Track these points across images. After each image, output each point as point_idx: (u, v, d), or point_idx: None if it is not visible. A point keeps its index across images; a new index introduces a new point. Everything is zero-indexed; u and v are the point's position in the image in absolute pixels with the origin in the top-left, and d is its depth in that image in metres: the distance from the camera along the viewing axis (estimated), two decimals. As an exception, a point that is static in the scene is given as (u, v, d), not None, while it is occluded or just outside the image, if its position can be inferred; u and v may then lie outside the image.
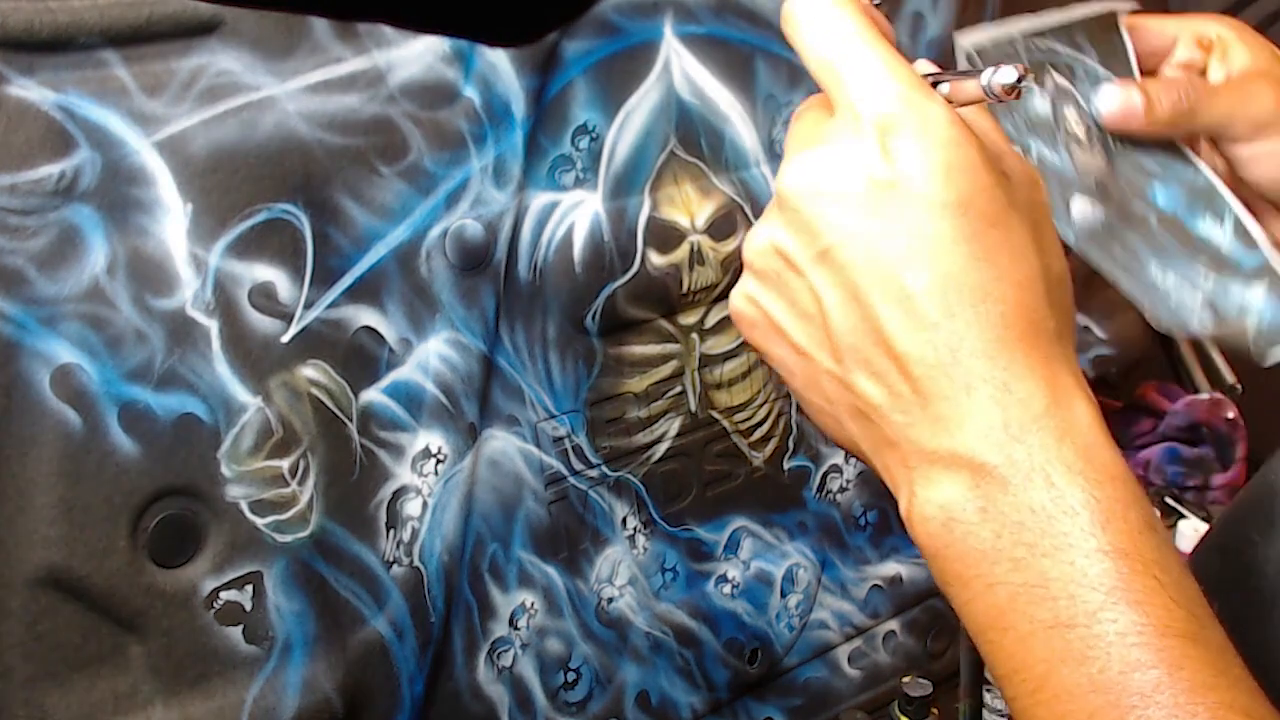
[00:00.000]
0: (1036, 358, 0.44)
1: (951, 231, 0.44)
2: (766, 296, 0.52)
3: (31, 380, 0.76)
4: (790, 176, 0.49)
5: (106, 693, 0.82)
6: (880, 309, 0.45)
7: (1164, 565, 0.42)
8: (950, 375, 0.44)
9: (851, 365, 0.47)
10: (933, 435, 0.45)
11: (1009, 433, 0.43)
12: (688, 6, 1.01)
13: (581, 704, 1.08)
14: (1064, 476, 0.43)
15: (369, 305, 0.89)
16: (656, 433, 1.09)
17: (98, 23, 0.76)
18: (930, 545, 0.46)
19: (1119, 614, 0.41)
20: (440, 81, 0.89)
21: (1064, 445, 0.43)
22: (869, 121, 0.46)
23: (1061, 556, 0.42)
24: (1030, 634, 0.42)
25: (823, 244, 0.47)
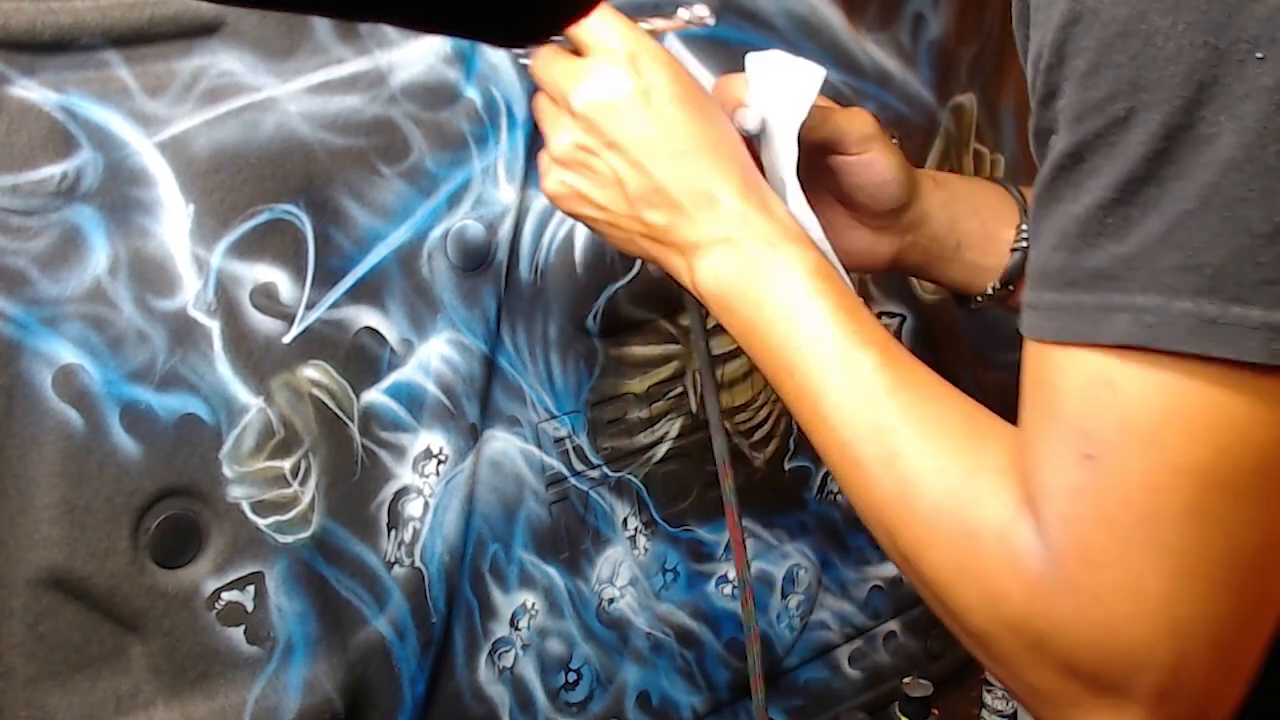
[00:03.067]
0: (751, 184, 0.74)
1: (686, 114, 0.73)
2: (573, 177, 0.76)
3: (33, 381, 0.77)
4: (582, 97, 0.74)
5: (108, 693, 0.82)
6: (654, 169, 0.73)
7: (828, 272, 0.71)
8: (704, 196, 0.72)
9: (641, 206, 0.74)
10: (698, 231, 0.72)
11: (742, 219, 0.72)
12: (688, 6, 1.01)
13: (582, 704, 1.08)
14: (777, 238, 0.72)
15: (370, 306, 0.89)
16: (657, 433, 1.09)
17: (99, 24, 0.76)
18: (712, 299, 0.73)
19: (797, 274, 0.70)
20: (442, 82, 0.89)
21: (772, 224, 0.72)
22: (622, 55, 0.73)
23: (776, 280, 0.70)
24: (777, 346, 0.70)
25: (610, 137, 0.73)
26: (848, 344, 0.67)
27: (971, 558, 0.57)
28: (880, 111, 1.15)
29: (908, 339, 1.24)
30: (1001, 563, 0.55)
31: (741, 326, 0.72)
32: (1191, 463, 0.50)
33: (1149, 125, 0.49)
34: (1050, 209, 0.54)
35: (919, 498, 0.60)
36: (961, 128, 1.25)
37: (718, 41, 1.03)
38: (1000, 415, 0.64)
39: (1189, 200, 0.48)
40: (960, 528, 0.58)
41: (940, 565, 0.59)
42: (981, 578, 0.57)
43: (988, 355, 1.32)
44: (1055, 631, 0.54)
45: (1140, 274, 0.50)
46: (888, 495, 0.62)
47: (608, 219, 0.76)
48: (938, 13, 1.16)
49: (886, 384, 0.65)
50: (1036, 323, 0.55)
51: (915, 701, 1.19)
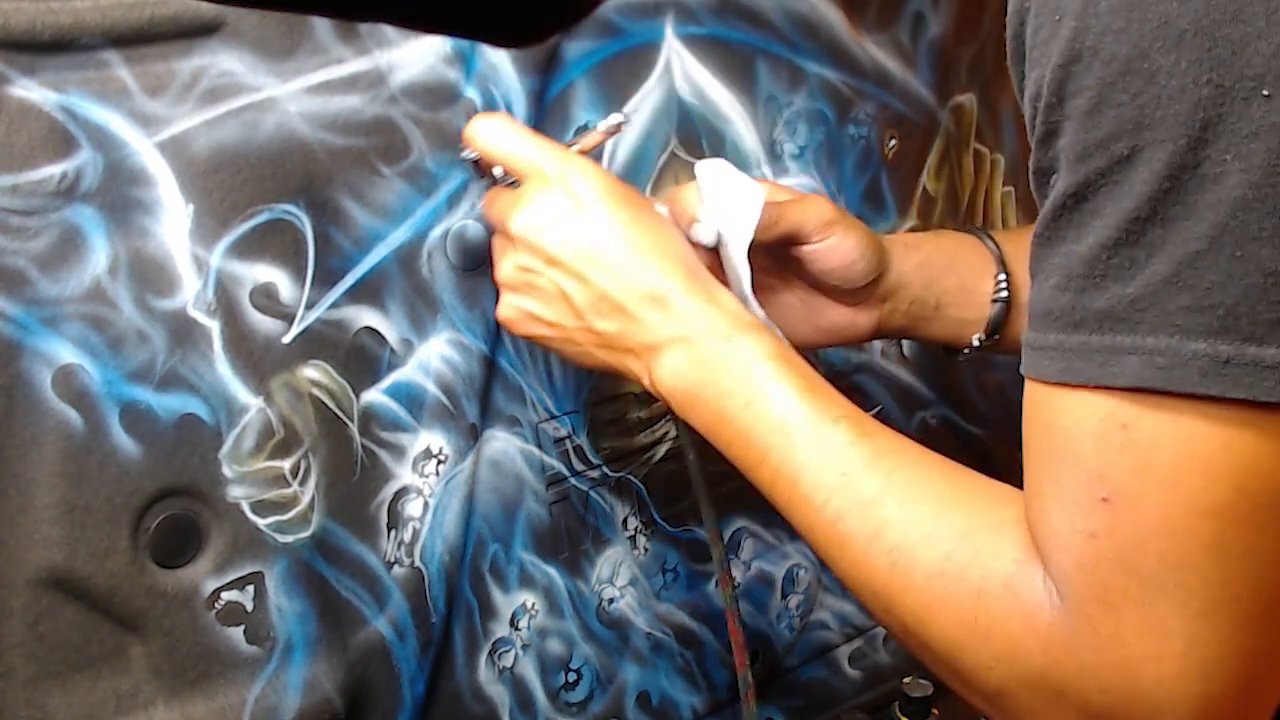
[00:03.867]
0: (695, 279, 0.74)
1: (622, 220, 0.74)
2: (522, 300, 0.78)
3: (33, 381, 0.77)
4: (518, 222, 0.76)
5: (108, 693, 0.82)
6: (596, 277, 0.74)
7: (789, 355, 0.71)
8: (650, 298, 0.73)
9: (590, 317, 0.75)
10: (650, 333, 0.73)
11: (692, 317, 0.72)
12: (689, 7, 1.01)
13: (582, 704, 1.08)
14: (730, 330, 0.72)
15: (370, 306, 0.89)
16: (658, 433, 1.09)
17: (99, 23, 0.76)
18: (673, 401, 0.74)
19: (757, 362, 0.70)
20: (442, 82, 0.89)
21: (723, 317, 0.72)
22: (553, 177, 0.76)
23: (737, 371, 0.70)
24: (745, 443, 0.69)
25: (549, 254, 0.75)
26: (818, 422, 0.67)
27: (980, 617, 0.56)
28: (880, 111, 1.15)
29: (910, 341, 1.24)
30: (1013, 618, 0.55)
31: (708, 422, 0.72)
32: (1211, 503, 0.49)
33: (1153, 164, 0.48)
34: (1053, 248, 0.53)
35: (913, 566, 0.60)
36: (961, 128, 1.25)
37: (717, 41, 1.03)
38: (1000, 416, 0.64)
39: (1197, 240, 0.48)
40: (963, 589, 0.57)
41: (946, 631, 0.58)
42: (994, 636, 0.56)
43: (978, 374, 1.32)
44: (1077, 680, 0.53)
45: (1149, 315, 0.49)
46: (880, 569, 0.61)
47: (561, 335, 0.77)
48: (938, 13, 1.16)
49: (863, 457, 0.65)
50: (1041, 364, 0.54)
51: (915, 701, 1.19)
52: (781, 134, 1.09)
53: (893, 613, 0.62)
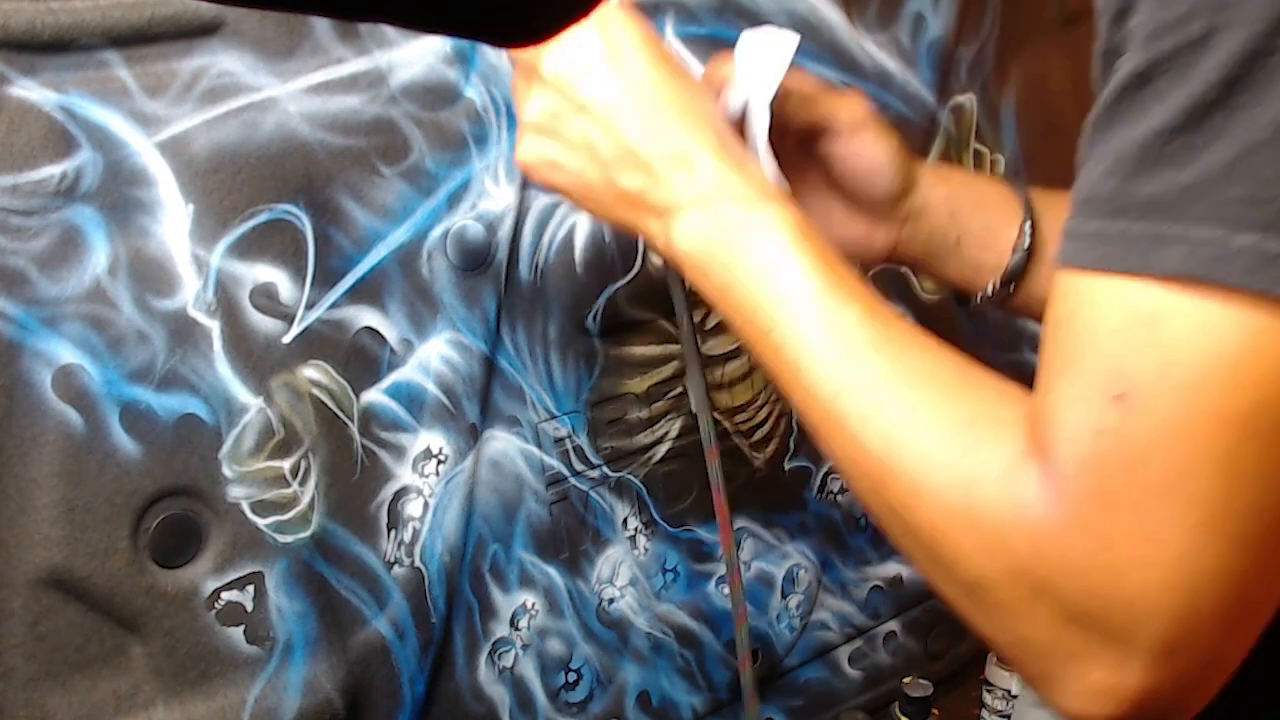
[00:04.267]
0: (725, 145, 0.71)
1: (658, 76, 0.71)
2: (545, 143, 0.74)
3: (33, 381, 0.77)
4: (550, 63, 0.71)
5: (108, 693, 0.82)
6: (626, 130, 0.71)
7: (809, 230, 0.69)
8: (679, 157, 0.70)
9: (614, 170, 0.72)
10: (673, 194, 0.70)
11: (719, 180, 0.70)
12: (688, 6, 1.01)
13: (582, 704, 1.08)
14: (755, 198, 0.70)
15: (370, 306, 0.89)
16: (657, 433, 1.09)
17: (99, 24, 0.76)
18: (687, 262, 0.71)
19: (776, 232, 0.68)
20: (442, 82, 0.89)
21: (749, 185, 0.70)
22: (592, 22, 0.69)
23: (755, 239, 0.68)
24: (754, 308, 0.67)
25: (580, 100, 0.71)
26: (830, 298, 0.65)
27: (969, 505, 0.55)
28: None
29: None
30: (1003, 508, 0.53)
31: (718, 288, 0.69)
32: (1230, 411, 0.47)
33: (1227, 48, 0.46)
34: (1108, 133, 0.51)
35: (908, 448, 0.58)
36: (961, 128, 1.25)
37: (717, 41, 1.03)
38: None
39: (1262, 130, 0.46)
40: (956, 475, 0.55)
41: (933, 515, 0.57)
42: (980, 525, 0.54)
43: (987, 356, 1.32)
44: (1059, 576, 0.51)
45: (1200, 204, 0.47)
46: (873, 448, 0.60)
47: (581, 185, 0.73)
48: (938, 13, 1.16)
49: (871, 338, 0.63)
50: (1077, 251, 0.52)
51: (915, 701, 1.19)
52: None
53: (881, 494, 0.60)
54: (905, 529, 0.59)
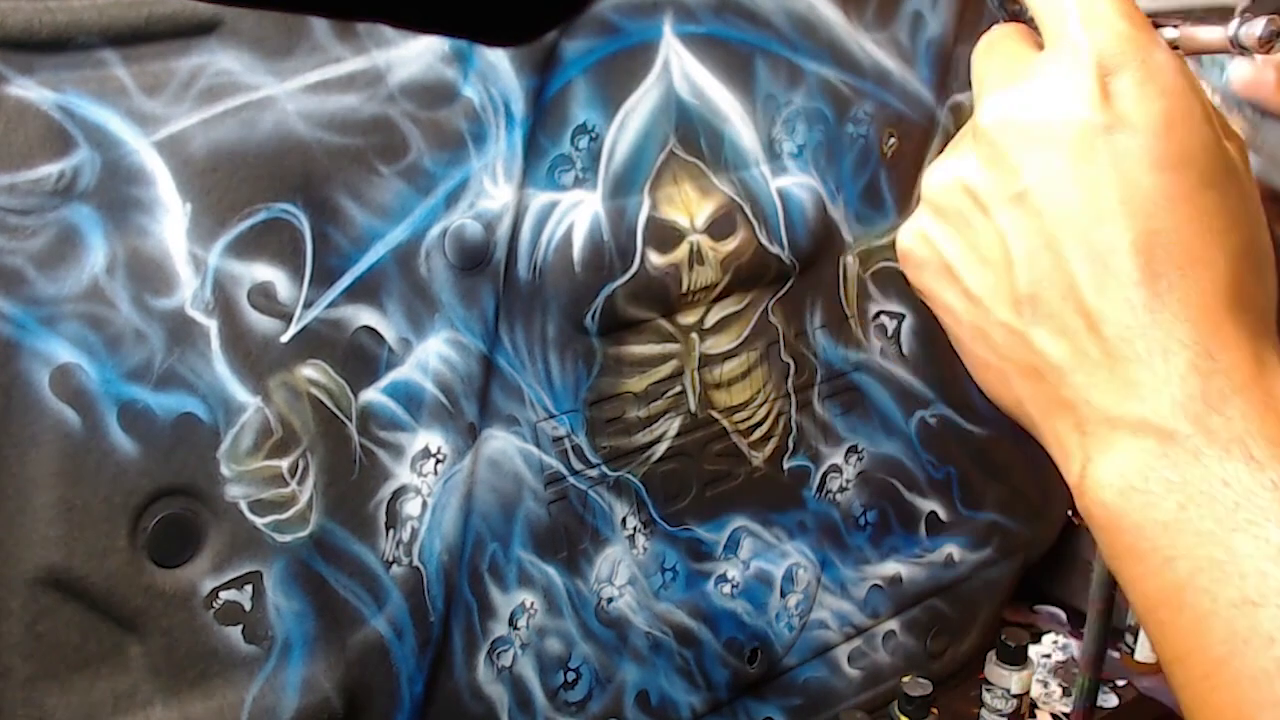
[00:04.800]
0: (1242, 330, 0.42)
1: (1167, 187, 0.42)
2: (944, 235, 0.48)
3: (31, 380, 0.76)
4: (992, 109, 0.45)
5: (106, 692, 0.82)
6: (1076, 261, 0.43)
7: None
8: (1147, 338, 0.42)
9: (1033, 319, 0.44)
10: (1120, 400, 0.42)
11: (1207, 401, 0.41)
12: (687, 6, 1.01)
13: (581, 704, 1.08)
14: (1265, 450, 0.40)
15: (368, 305, 0.89)
16: (656, 432, 1.08)
17: (97, 22, 0.76)
18: (1103, 516, 0.43)
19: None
20: (440, 81, 0.89)
21: (1267, 418, 0.40)
22: (1089, 58, 0.43)
23: (1256, 531, 0.39)
24: (1211, 613, 0.39)
25: (1020, 185, 0.44)
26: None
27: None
28: (879, 110, 1.15)
29: (907, 337, 1.24)
30: None
31: (1145, 569, 0.42)
32: None
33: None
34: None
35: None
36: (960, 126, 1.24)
37: (716, 40, 1.03)
38: (999, 415, 0.53)
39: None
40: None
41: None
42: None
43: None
44: None
45: None
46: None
47: (973, 320, 0.47)
48: (936, 12, 1.16)
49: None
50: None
51: (915, 701, 1.19)
52: (780, 132, 1.09)
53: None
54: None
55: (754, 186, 1.08)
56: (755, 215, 1.08)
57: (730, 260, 1.07)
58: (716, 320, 1.09)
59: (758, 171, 1.08)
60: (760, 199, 1.08)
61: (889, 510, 1.28)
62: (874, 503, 1.26)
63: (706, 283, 1.07)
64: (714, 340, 1.10)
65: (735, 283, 1.09)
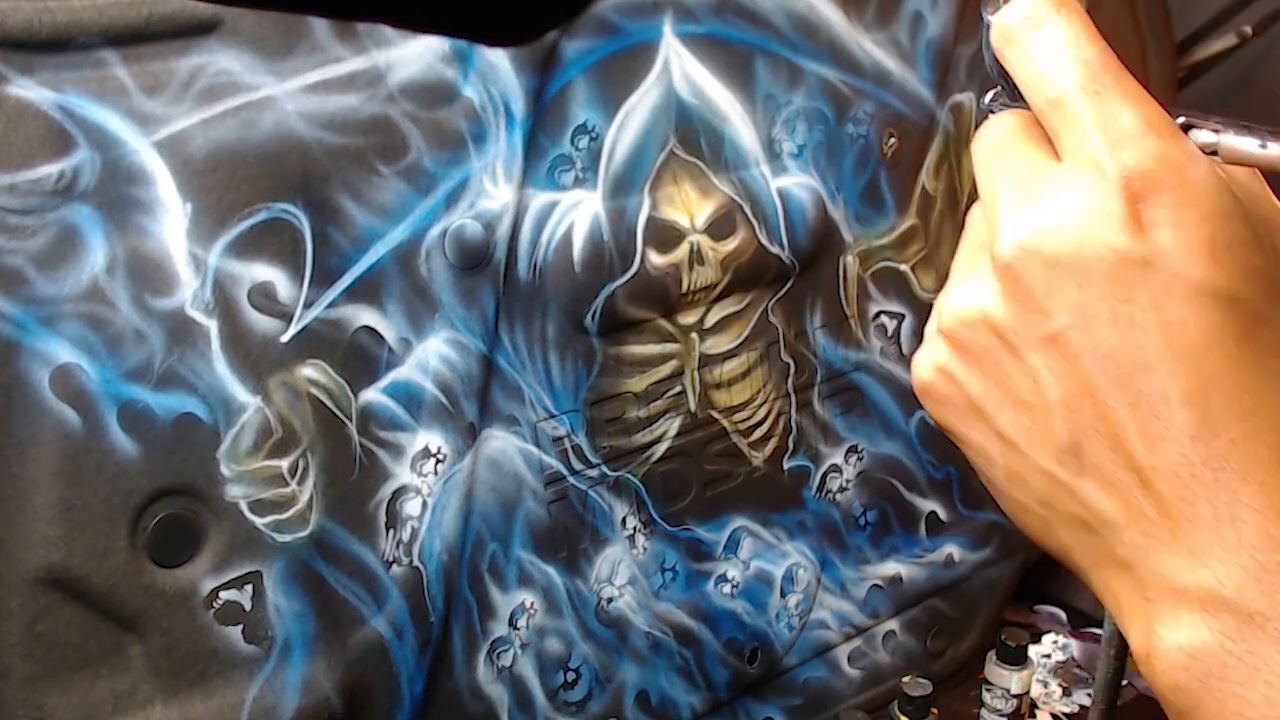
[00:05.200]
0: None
1: (1217, 326, 0.37)
2: (967, 374, 0.43)
3: (31, 380, 0.76)
4: (1012, 235, 0.40)
5: (106, 692, 0.82)
6: (1121, 412, 0.38)
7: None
8: (1212, 499, 0.37)
9: (1078, 470, 0.40)
10: (1185, 568, 0.37)
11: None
12: (687, 6, 1.01)
13: (581, 704, 1.08)
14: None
15: (368, 305, 0.89)
16: (656, 432, 1.08)
17: (96, 22, 0.76)
18: (1176, 699, 0.38)
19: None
20: (440, 81, 0.89)
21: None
22: (1117, 179, 0.38)
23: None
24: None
25: (1054, 326, 0.39)
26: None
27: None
28: (879, 110, 1.15)
29: (908, 338, 1.24)
30: None
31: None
32: None
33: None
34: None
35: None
36: (960, 126, 1.24)
37: (716, 40, 1.03)
38: None
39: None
40: None
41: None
42: None
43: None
44: None
45: None
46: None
47: (1009, 464, 0.43)
48: (936, 12, 1.16)
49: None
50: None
51: (915, 701, 1.19)
52: (780, 133, 1.09)
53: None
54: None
55: (754, 186, 1.08)
56: (755, 215, 1.08)
57: (730, 260, 1.07)
58: (716, 320, 1.09)
59: (758, 171, 1.08)
60: (760, 199, 1.08)
61: (889, 510, 1.28)
62: (874, 503, 1.26)
63: (706, 283, 1.07)
64: (714, 340, 1.10)
65: (735, 283, 1.09)
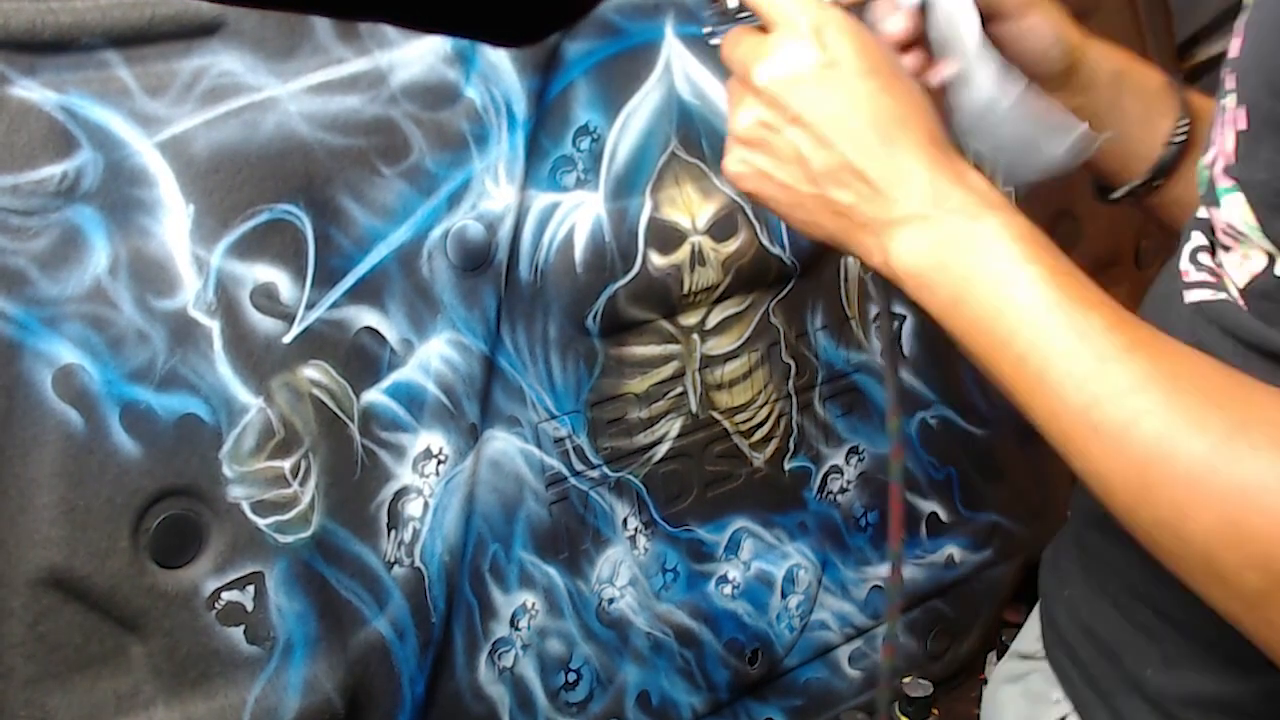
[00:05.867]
0: (942, 153, 0.69)
1: (874, 87, 0.69)
2: (754, 155, 0.72)
3: (34, 381, 0.77)
4: (765, 73, 0.70)
5: (108, 693, 0.82)
6: (841, 144, 0.69)
7: (1038, 237, 0.66)
8: (896, 172, 0.68)
9: (826, 184, 0.70)
10: (890, 209, 0.68)
11: (938, 194, 0.67)
12: (688, 7, 1.01)
13: (582, 704, 1.08)
14: (977, 208, 0.67)
15: (370, 306, 0.89)
16: (657, 433, 1.09)
17: (100, 24, 0.76)
18: (909, 280, 0.68)
19: (1005, 243, 0.65)
20: (442, 82, 0.89)
21: (970, 195, 0.67)
22: (808, 28, 0.70)
23: (983, 251, 0.66)
24: (977, 299, 0.65)
25: (793, 112, 0.69)
26: (1072, 307, 0.63)
27: (1245, 515, 0.54)
28: None
29: (908, 339, 1.24)
30: (1277, 521, 0.52)
31: (945, 304, 0.67)
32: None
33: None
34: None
35: (1175, 458, 0.56)
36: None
37: (718, 42, 1.03)
38: (1000, 416, 0.62)
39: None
40: (1229, 484, 0.54)
41: (1205, 526, 0.55)
42: (1258, 537, 0.53)
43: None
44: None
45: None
46: (1135, 460, 0.58)
47: (790, 199, 0.72)
48: (938, 13, 1.16)
49: (1123, 343, 0.60)
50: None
51: (915, 701, 1.19)
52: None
53: (1145, 509, 0.58)
54: (1175, 542, 0.58)
55: (755, 188, 1.08)
56: (756, 216, 1.08)
57: (731, 261, 1.07)
58: (718, 321, 1.09)
59: (759, 173, 1.08)
60: (761, 200, 1.08)
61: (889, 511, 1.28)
62: (875, 503, 1.26)
63: (708, 284, 1.07)
64: (715, 341, 1.10)
65: (736, 284, 1.09)
